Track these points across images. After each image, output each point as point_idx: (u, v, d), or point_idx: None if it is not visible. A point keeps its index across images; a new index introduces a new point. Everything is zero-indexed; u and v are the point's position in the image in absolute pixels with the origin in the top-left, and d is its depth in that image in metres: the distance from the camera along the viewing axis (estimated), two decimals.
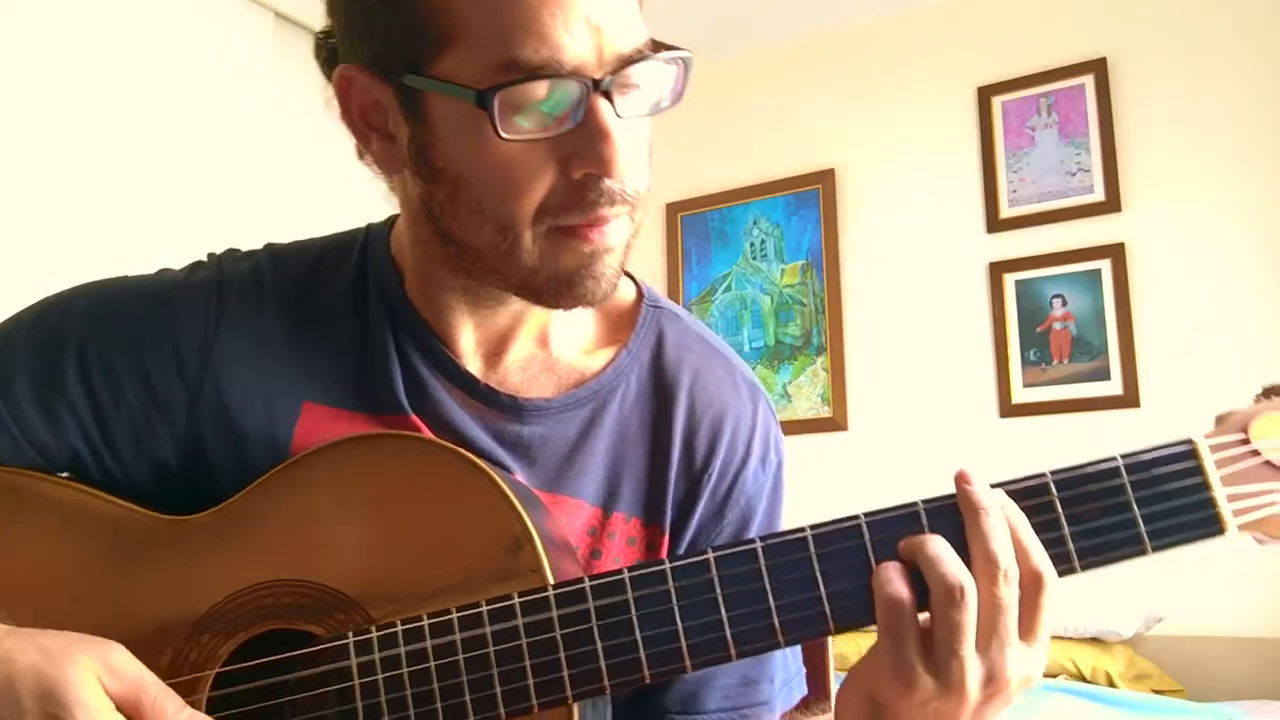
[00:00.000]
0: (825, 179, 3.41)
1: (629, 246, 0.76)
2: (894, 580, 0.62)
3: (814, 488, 3.05)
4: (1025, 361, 3.05)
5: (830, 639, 1.16)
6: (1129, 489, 0.64)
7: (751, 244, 3.53)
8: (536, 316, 0.83)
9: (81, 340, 0.78)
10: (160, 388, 0.78)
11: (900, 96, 3.32)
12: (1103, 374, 2.94)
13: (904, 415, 3.19)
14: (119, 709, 0.64)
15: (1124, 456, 0.65)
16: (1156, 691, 2.54)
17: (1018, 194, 3.12)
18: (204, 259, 0.85)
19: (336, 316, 0.83)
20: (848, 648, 2.33)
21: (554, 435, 0.82)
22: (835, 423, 3.29)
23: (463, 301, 0.81)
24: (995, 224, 3.14)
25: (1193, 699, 2.52)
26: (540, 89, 0.68)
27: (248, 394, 0.79)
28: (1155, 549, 0.64)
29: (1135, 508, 0.64)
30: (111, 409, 0.78)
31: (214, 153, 2.92)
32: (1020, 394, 3.04)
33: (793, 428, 3.30)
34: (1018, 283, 3.08)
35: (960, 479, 0.65)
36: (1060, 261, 3.02)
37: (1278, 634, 2.63)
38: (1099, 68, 3.03)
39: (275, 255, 0.86)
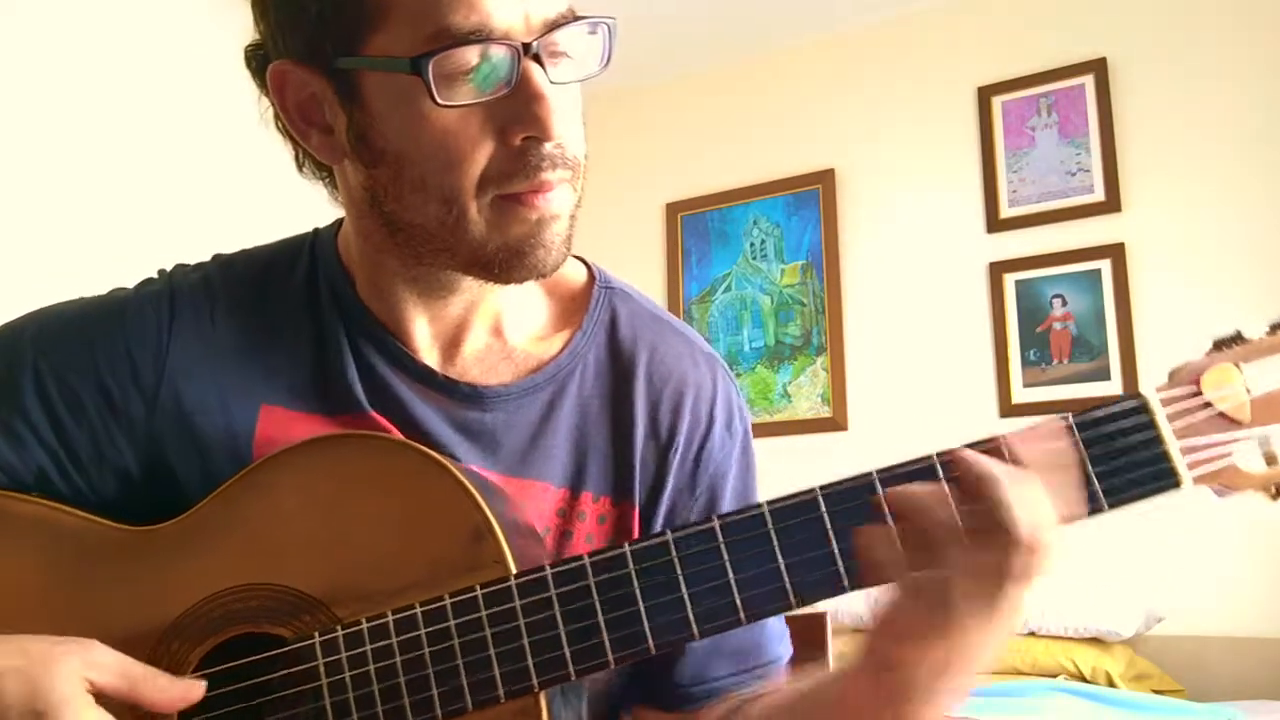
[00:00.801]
0: (825, 179, 3.41)
1: (574, 217, 0.77)
2: (875, 530, 0.63)
3: None
4: (1025, 361, 3.05)
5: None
6: (1082, 447, 0.64)
7: (751, 244, 3.53)
8: (489, 305, 0.84)
9: (36, 359, 0.79)
10: (118, 399, 0.79)
11: (900, 96, 3.32)
12: (1103, 374, 2.94)
13: (904, 415, 3.19)
14: (111, 700, 0.65)
15: (1074, 415, 0.64)
16: (1156, 691, 2.54)
17: (1018, 194, 3.12)
18: (155, 275, 0.86)
19: (290, 319, 0.83)
20: (847, 647, 2.33)
21: (515, 421, 0.82)
22: (835, 423, 3.29)
23: (413, 293, 0.81)
24: (995, 224, 3.14)
25: (1193, 699, 2.52)
26: (471, 55, 0.69)
27: (205, 399, 0.80)
28: (1112, 505, 0.64)
29: (1089, 465, 0.64)
30: (71, 424, 0.79)
31: (213, 152, 2.92)
32: (1020, 394, 3.04)
33: (793, 428, 3.30)
34: (1018, 283, 3.08)
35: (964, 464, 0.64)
36: (1060, 261, 3.02)
37: (1278, 634, 2.62)
38: (1099, 68, 3.03)
39: (224, 264, 0.86)
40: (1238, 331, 0.66)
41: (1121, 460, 0.63)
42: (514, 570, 0.69)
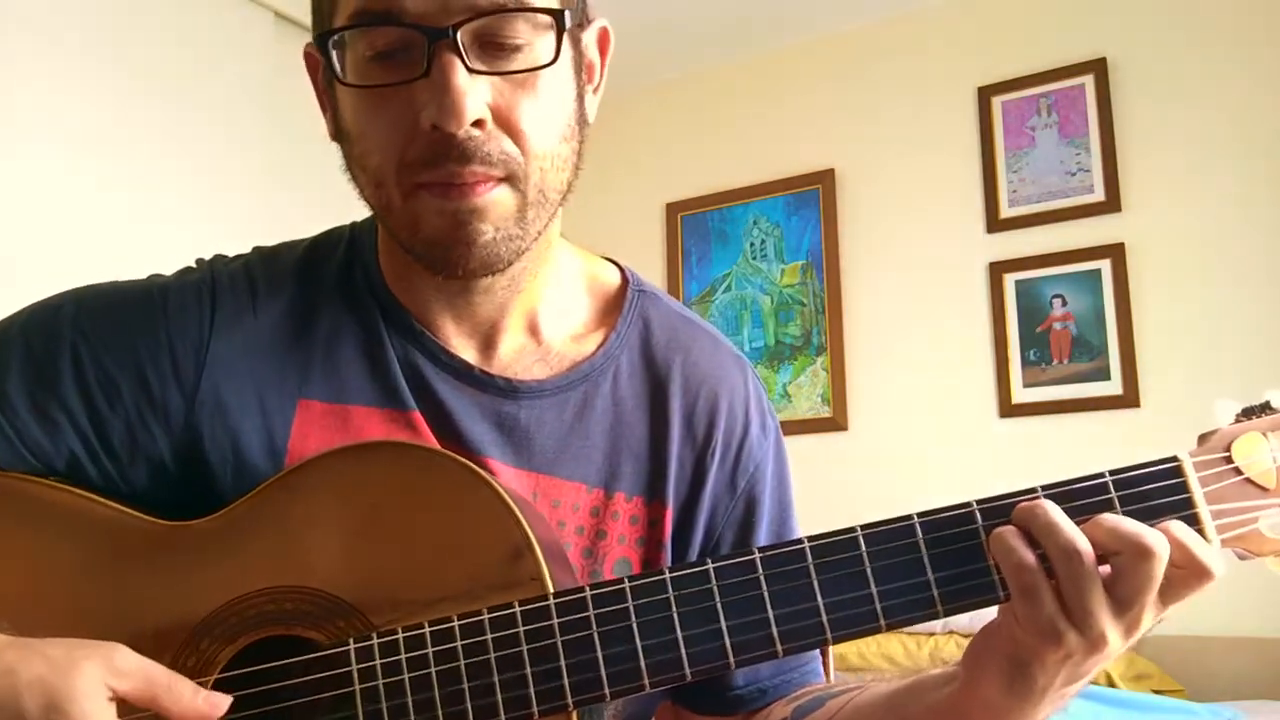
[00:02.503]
0: (825, 179, 3.41)
1: (523, 220, 0.74)
2: (1018, 546, 0.63)
3: (814, 488, 3.05)
4: (1025, 361, 3.05)
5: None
6: (1117, 504, 0.65)
7: (751, 244, 3.53)
8: (522, 304, 0.84)
9: (75, 343, 0.78)
10: (156, 389, 0.78)
11: (900, 96, 3.32)
12: (1103, 374, 2.94)
13: (904, 415, 3.19)
14: (134, 706, 0.64)
15: (1112, 473, 0.66)
16: (1156, 691, 2.54)
17: (1018, 194, 3.12)
18: (193, 264, 0.86)
19: (329, 313, 0.83)
20: (846, 648, 2.33)
21: (549, 417, 0.82)
22: (835, 423, 3.29)
23: (432, 287, 0.81)
24: (995, 224, 3.14)
25: (1193, 699, 2.52)
26: (379, 37, 0.69)
27: (243, 393, 0.79)
28: None
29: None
30: (107, 411, 0.78)
31: (213, 152, 2.92)
32: (1020, 394, 3.04)
33: (793, 428, 3.30)
34: (1018, 283, 3.08)
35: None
36: (1060, 261, 3.03)
37: (1278, 634, 2.63)
38: (1099, 68, 3.03)
39: (265, 255, 0.86)
40: (1266, 401, 0.68)
41: (1154, 520, 0.64)
42: (551, 589, 0.68)
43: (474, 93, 0.69)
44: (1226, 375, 2.74)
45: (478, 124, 0.70)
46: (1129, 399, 2.89)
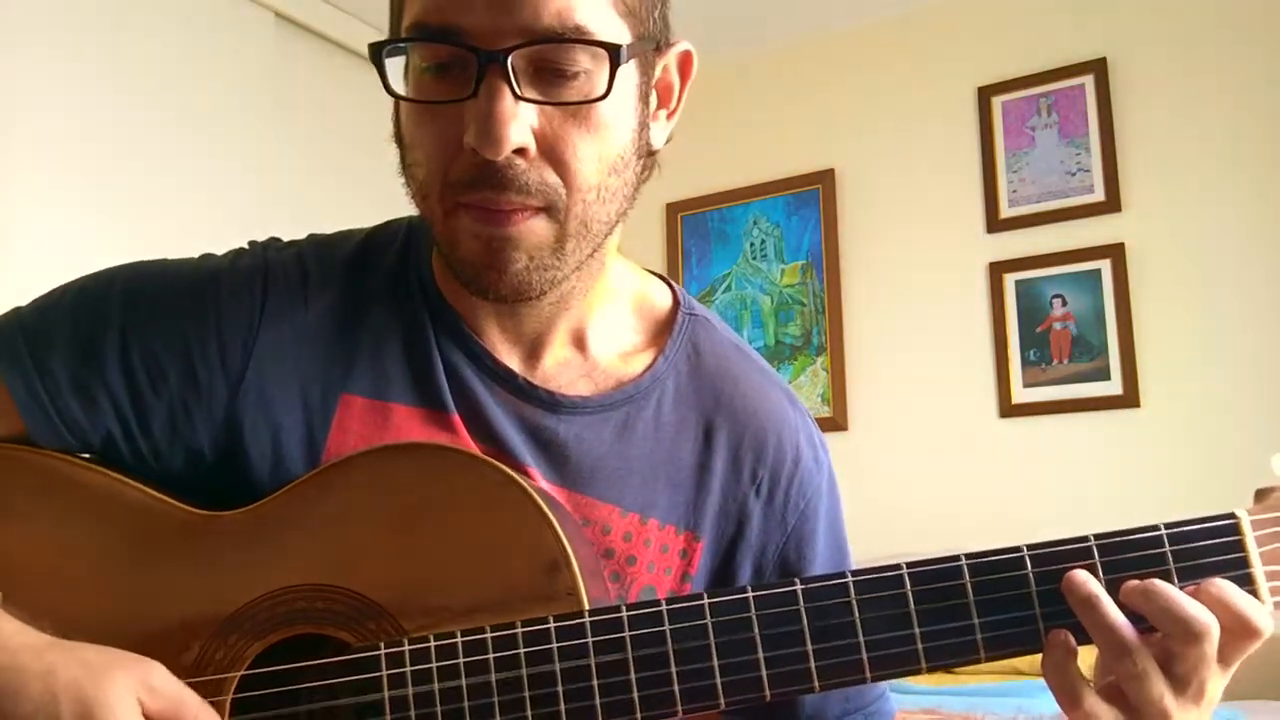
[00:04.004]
0: (825, 179, 3.41)
1: (560, 252, 0.72)
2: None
3: None
4: (1025, 361, 3.05)
5: None
6: (1170, 559, 0.64)
7: (751, 244, 3.53)
8: (570, 318, 0.82)
9: (123, 324, 0.77)
10: (202, 377, 0.77)
11: (900, 96, 3.32)
12: (1103, 374, 2.94)
13: (904, 415, 3.19)
14: None
15: (1167, 526, 0.65)
16: None
17: (1018, 194, 3.12)
18: (246, 246, 0.84)
19: (379, 308, 0.82)
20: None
21: (588, 435, 0.81)
22: (835, 423, 3.29)
23: (483, 301, 0.80)
24: (995, 224, 3.14)
25: None
26: (429, 53, 0.69)
27: (287, 385, 0.78)
28: None
29: (1174, 579, 0.64)
30: (151, 396, 0.76)
31: (213, 152, 2.92)
32: (1020, 394, 3.04)
33: None
34: (1018, 283, 3.08)
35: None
36: (1060, 261, 3.03)
37: (1278, 634, 2.62)
38: (1099, 68, 3.03)
39: (319, 243, 0.84)
40: None
41: (1206, 577, 0.63)
42: (587, 606, 0.67)
43: (518, 120, 0.67)
44: (1226, 375, 2.74)
45: (520, 152, 0.68)
46: (1129, 399, 2.89)
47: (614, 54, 0.68)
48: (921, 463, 3.09)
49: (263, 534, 0.73)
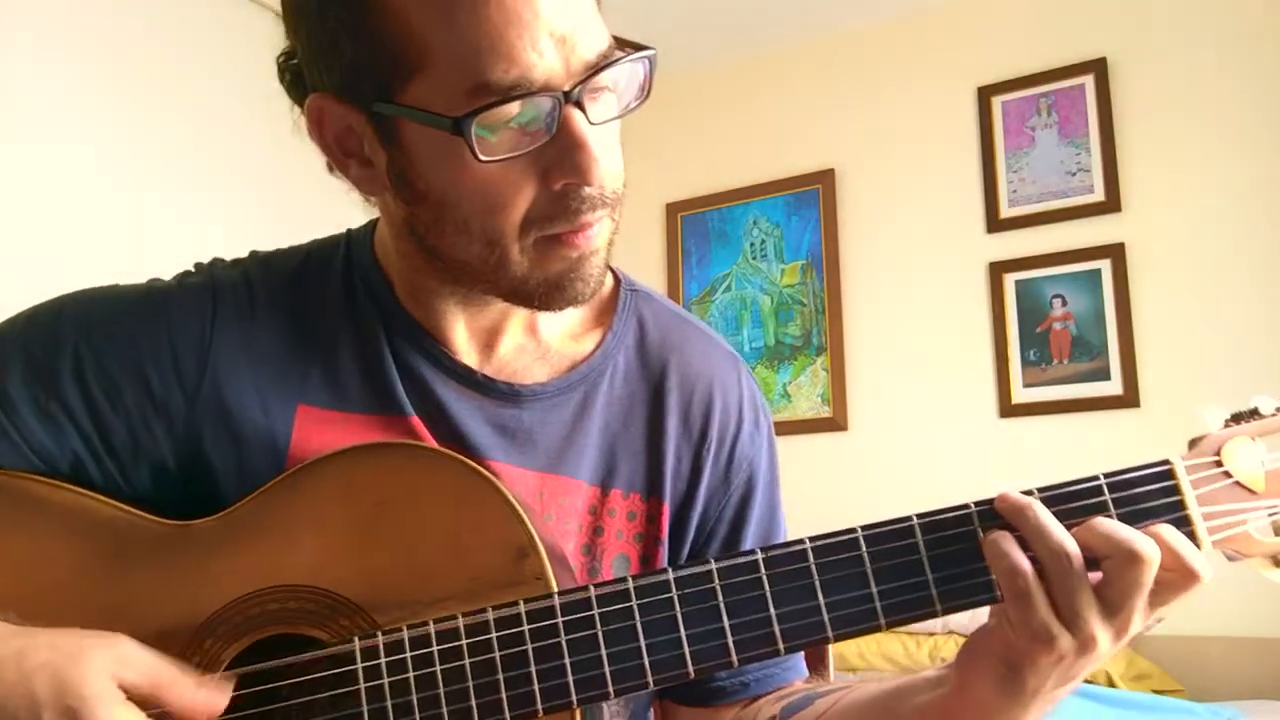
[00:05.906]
0: (825, 179, 3.41)
1: (611, 243, 0.78)
2: (1011, 551, 0.64)
3: (814, 488, 3.05)
4: (1025, 361, 3.05)
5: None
6: (1110, 506, 0.66)
7: (751, 244, 3.53)
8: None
9: (76, 344, 0.78)
10: (158, 390, 0.78)
11: (900, 96, 3.32)
12: (1103, 374, 2.94)
13: (904, 415, 3.19)
14: (138, 697, 0.65)
15: (1105, 475, 0.67)
16: (1156, 691, 2.54)
17: (1018, 194, 3.12)
18: (191, 269, 0.86)
19: (328, 319, 0.83)
20: (846, 648, 2.33)
21: (550, 419, 0.84)
22: (835, 423, 3.29)
23: (453, 301, 0.82)
24: (995, 224, 3.14)
25: (1193, 699, 2.52)
26: (513, 108, 0.69)
27: (244, 396, 0.79)
28: None
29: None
30: (109, 411, 0.78)
31: (213, 152, 2.92)
32: (1020, 394, 3.04)
33: (793, 428, 3.30)
34: (1018, 283, 3.08)
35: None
36: (1060, 261, 3.03)
37: (1278, 634, 2.63)
38: (1099, 68, 3.03)
39: (262, 261, 0.86)
40: (1254, 407, 0.70)
41: (1147, 522, 0.65)
42: (555, 589, 0.69)
43: (599, 146, 0.71)
44: (1226, 375, 2.74)
45: None
46: (1129, 399, 2.89)
47: (652, 59, 0.74)
48: (921, 463, 3.09)
49: (234, 539, 0.74)
